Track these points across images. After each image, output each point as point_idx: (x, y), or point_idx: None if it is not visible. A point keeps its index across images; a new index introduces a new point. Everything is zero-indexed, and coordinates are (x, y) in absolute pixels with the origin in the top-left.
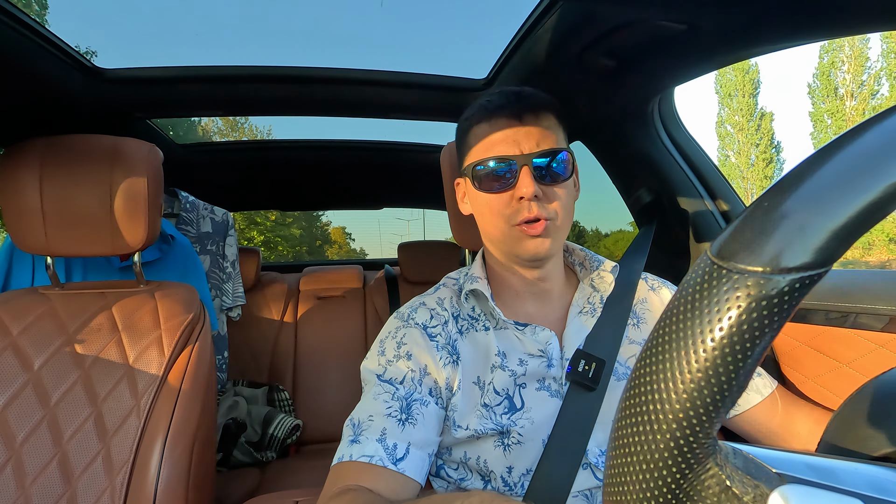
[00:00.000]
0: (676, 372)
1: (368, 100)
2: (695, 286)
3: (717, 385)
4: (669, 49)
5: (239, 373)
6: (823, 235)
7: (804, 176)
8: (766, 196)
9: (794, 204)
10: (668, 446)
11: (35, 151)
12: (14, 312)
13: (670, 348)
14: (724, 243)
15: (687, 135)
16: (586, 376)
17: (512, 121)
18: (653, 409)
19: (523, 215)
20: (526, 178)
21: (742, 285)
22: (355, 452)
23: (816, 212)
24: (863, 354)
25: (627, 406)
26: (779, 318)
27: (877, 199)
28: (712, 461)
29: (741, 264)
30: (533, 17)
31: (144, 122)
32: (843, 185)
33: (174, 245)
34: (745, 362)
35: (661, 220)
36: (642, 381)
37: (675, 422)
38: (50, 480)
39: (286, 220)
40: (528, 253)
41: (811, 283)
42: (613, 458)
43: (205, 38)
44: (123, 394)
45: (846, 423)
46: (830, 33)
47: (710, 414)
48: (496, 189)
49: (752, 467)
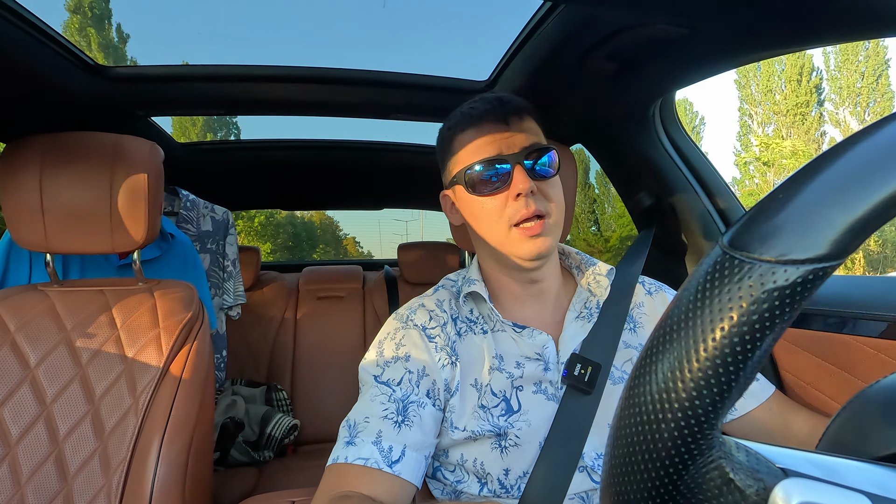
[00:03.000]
0: (685, 360)
1: (370, 100)
2: (706, 275)
3: (725, 375)
4: (671, 53)
5: (237, 372)
6: (838, 228)
7: (820, 169)
8: (782, 188)
9: (810, 196)
10: (671, 436)
11: (36, 148)
12: (12, 309)
13: (679, 336)
14: (736, 233)
15: (687, 138)
16: (582, 380)
17: (499, 125)
18: (658, 397)
19: (522, 213)
20: (520, 175)
21: (754, 274)
22: (351, 454)
23: (832, 204)
24: (861, 360)
25: (632, 395)
26: (790, 309)
27: (893, 193)
28: (715, 453)
29: (754, 254)
30: (535, 20)
31: (145, 120)
32: (859, 179)
33: (174, 243)
34: (754, 352)
35: (661, 223)
36: (649, 368)
37: (681, 411)
38: (46, 478)
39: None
40: (528, 253)
41: (824, 276)
42: (616, 448)
43: (207, 37)
44: (121, 392)
45: (844, 427)
46: (831, 39)
47: (717, 404)
48: (490, 191)
49: (754, 461)
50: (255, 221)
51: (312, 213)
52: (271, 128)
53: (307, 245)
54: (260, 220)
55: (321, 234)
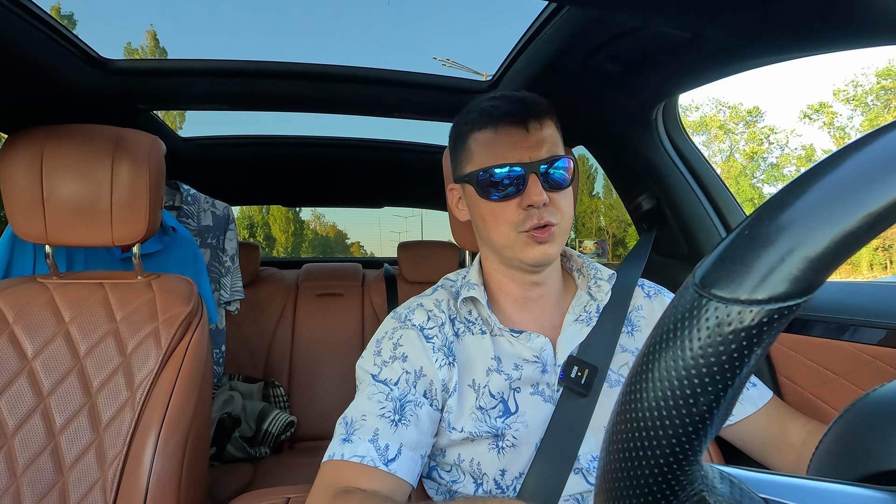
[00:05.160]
0: (660, 401)
1: (373, 98)
2: (677, 313)
3: (699, 413)
4: (675, 56)
5: (235, 367)
6: (801, 265)
7: (783, 205)
8: (748, 224)
9: (773, 233)
10: (653, 473)
11: (37, 140)
12: (11, 300)
13: (653, 376)
14: (706, 271)
15: (689, 142)
16: (579, 382)
17: (518, 129)
18: (639, 435)
19: (533, 222)
20: (535, 185)
21: (722, 315)
22: (347, 452)
23: (794, 241)
24: (859, 367)
25: (616, 431)
26: (759, 347)
27: (854, 228)
28: (697, 486)
29: (722, 293)
30: (539, 21)
31: (147, 114)
32: (820, 214)
33: (176, 237)
34: (726, 390)
35: (661, 227)
36: (629, 406)
37: (660, 448)
38: (42, 471)
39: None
40: (533, 259)
41: (790, 314)
42: (603, 483)
43: (210, 31)
44: (118, 385)
45: (840, 437)
46: (836, 46)
47: (693, 441)
48: (502, 196)
49: (737, 493)
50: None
51: (328, 228)
52: (271, 124)
53: (322, 254)
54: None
55: (335, 244)
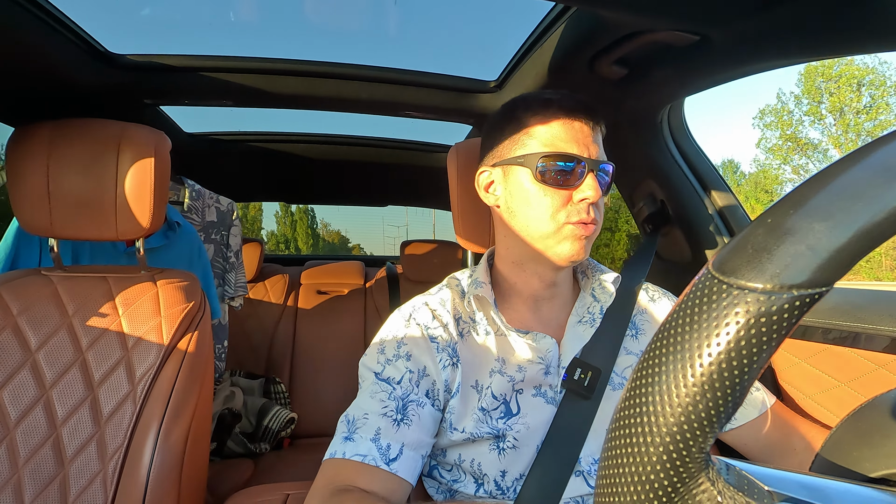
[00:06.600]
0: (672, 386)
1: (379, 97)
2: (694, 300)
3: (713, 401)
4: (681, 59)
5: (236, 363)
6: (826, 255)
7: (809, 194)
8: (770, 212)
9: (798, 222)
10: (660, 460)
11: (44, 134)
12: (15, 292)
13: (667, 361)
14: (725, 258)
15: (695, 145)
16: (581, 385)
17: (586, 125)
18: (647, 420)
19: (582, 217)
20: (593, 181)
21: (742, 301)
22: (349, 450)
23: (820, 231)
24: (862, 374)
25: (622, 417)
26: (777, 335)
27: (881, 220)
28: (704, 476)
29: (742, 280)
30: (546, 22)
31: (153, 109)
32: (847, 205)
33: (181, 232)
34: (742, 378)
35: (666, 230)
36: (638, 392)
37: (669, 435)
38: (43, 462)
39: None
40: (568, 253)
41: (812, 302)
42: (605, 469)
43: (218, 28)
44: (120, 379)
45: (842, 442)
46: (843, 50)
47: (705, 429)
48: (561, 185)
49: (744, 484)
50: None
51: (333, 234)
52: (275, 121)
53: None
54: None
55: (339, 248)
